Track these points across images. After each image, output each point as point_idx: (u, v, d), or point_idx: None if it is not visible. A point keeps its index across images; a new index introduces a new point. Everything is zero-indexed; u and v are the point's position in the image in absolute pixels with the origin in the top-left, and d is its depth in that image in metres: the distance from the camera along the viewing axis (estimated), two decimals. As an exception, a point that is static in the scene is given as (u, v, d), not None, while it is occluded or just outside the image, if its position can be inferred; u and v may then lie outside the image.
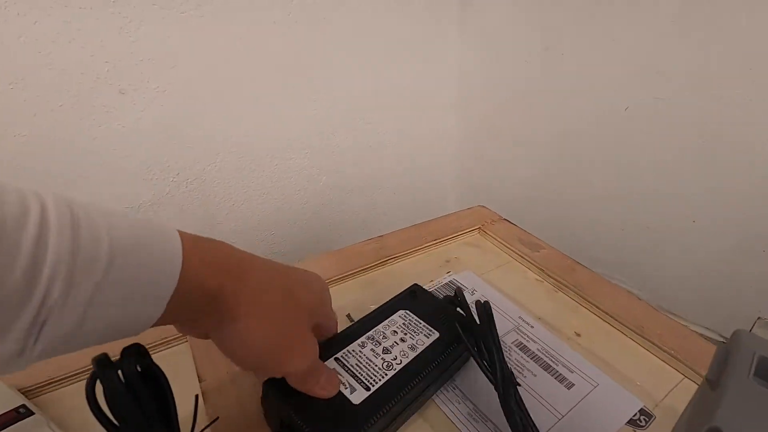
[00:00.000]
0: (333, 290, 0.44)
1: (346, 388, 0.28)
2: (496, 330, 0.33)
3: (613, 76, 0.89)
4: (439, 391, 0.34)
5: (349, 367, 0.30)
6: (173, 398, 0.20)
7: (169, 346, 0.37)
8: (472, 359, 0.37)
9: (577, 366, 0.37)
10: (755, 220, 0.82)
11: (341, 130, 0.96)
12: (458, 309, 0.36)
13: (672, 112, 0.82)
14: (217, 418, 0.26)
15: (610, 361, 0.37)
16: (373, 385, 0.29)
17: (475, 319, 0.34)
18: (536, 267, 0.48)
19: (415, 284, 0.39)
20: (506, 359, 0.36)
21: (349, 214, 1.03)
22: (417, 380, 0.30)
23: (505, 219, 0.57)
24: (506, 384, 0.30)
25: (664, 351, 0.37)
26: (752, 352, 0.18)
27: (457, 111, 1.15)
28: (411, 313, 0.35)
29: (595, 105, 0.93)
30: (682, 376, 0.36)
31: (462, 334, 0.33)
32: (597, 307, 0.43)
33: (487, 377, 0.31)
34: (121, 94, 0.62)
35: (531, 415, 0.29)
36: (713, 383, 0.17)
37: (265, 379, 0.28)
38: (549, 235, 0.57)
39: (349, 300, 0.43)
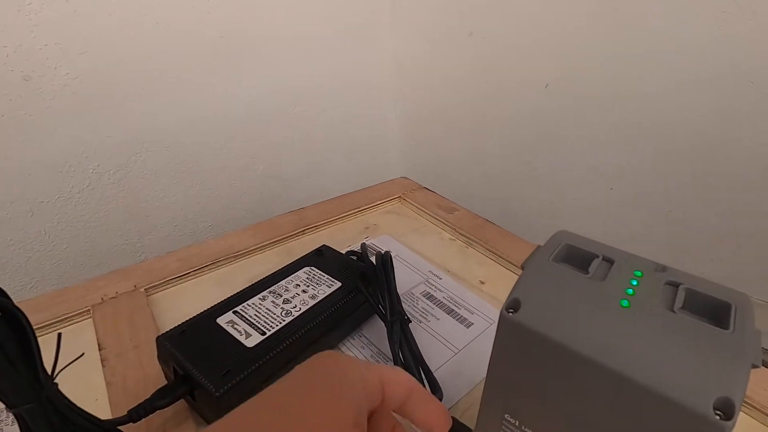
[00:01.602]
0: (250, 261, 0.45)
1: (241, 335, 0.29)
2: (391, 275, 0.35)
3: (532, 55, 0.94)
4: (346, 339, 0.36)
5: (247, 317, 0.31)
6: (36, 339, 0.21)
7: (72, 322, 0.37)
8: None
9: (477, 309, 0.40)
10: (667, 188, 0.89)
11: (276, 118, 0.95)
12: (362, 262, 0.38)
13: (591, 85, 0.88)
14: (82, 354, 0.26)
15: (508, 302, 0.40)
16: (269, 330, 0.30)
17: (373, 267, 0.36)
18: (450, 227, 0.51)
19: (324, 245, 0.41)
20: (412, 308, 0.39)
21: (291, 204, 1.03)
22: (314, 324, 0.31)
23: (425, 187, 0.60)
24: (394, 320, 0.32)
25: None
26: (560, 242, 0.20)
27: (395, 97, 1.18)
28: (315, 269, 0.37)
29: (517, 84, 0.98)
30: (570, 309, 0.40)
31: (358, 280, 0.34)
32: (501, 257, 0.46)
33: (378, 315, 0.33)
34: (26, 81, 0.59)
35: (422, 350, 0.31)
36: (523, 267, 0.19)
37: None
38: (492, 215, 0.59)
39: (266, 268, 0.43)
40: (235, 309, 0.32)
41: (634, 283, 0.18)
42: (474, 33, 1.03)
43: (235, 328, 0.30)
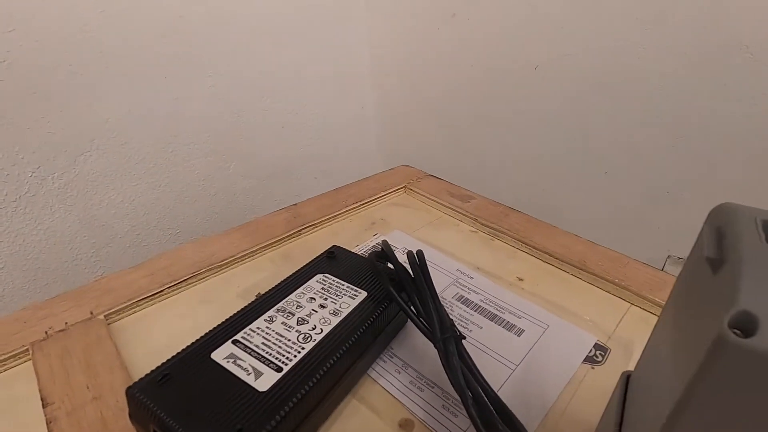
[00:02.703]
0: (240, 269, 0.37)
1: (249, 374, 0.21)
2: (431, 280, 0.28)
3: (520, 36, 0.89)
4: (374, 363, 0.28)
5: (253, 348, 0.23)
6: None
7: (3, 367, 0.27)
8: (409, 323, 0.31)
9: (523, 311, 0.33)
10: (660, 167, 0.87)
11: (248, 109, 0.86)
12: (387, 263, 0.31)
13: (579, 67, 0.84)
14: None
15: (556, 301, 0.34)
16: (287, 364, 0.22)
17: (407, 271, 0.28)
18: (469, 218, 0.44)
19: (334, 245, 0.33)
20: (448, 314, 0.31)
21: (268, 203, 0.94)
22: (344, 348, 0.23)
23: (431, 175, 0.53)
24: (447, 339, 0.25)
25: (609, 282, 0.35)
26: (753, 218, 0.14)
27: (374, 82, 1.11)
28: (331, 276, 0.29)
29: (506, 66, 0.93)
30: (629, 304, 0.34)
31: (391, 288, 0.27)
32: (536, 248, 0.39)
33: (424, 333, 0.25)
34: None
35: (480, 371, 0.25)
36: (716, 262, 0.12)
37: None
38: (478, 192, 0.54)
39: (260, 278, 0.35)
40: (235, 338, 0.23)
41: None
42: (457, 14, 0.97)
43: (238, 365, 0.22)
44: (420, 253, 0.29)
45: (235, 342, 0.23)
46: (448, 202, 0.46)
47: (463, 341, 0.26)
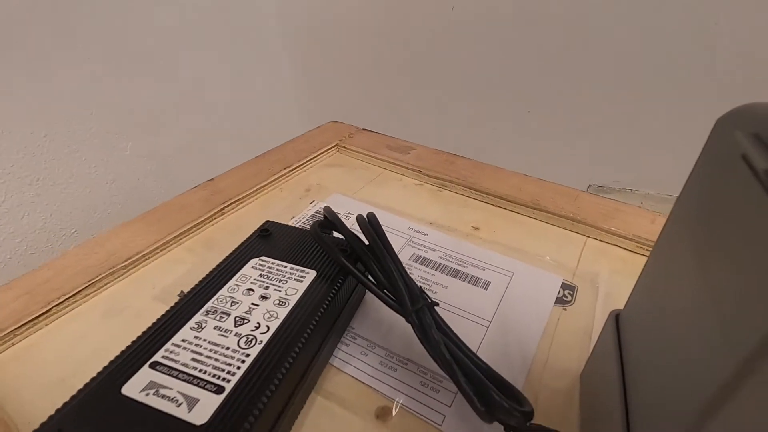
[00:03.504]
0: (152, 267, 0.30)
1: (180, 405, 0.16)
2: (390, 245, 0.24)
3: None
4: (335, 349, 0.24)
5: (180, 368, 0.18)
6: None
7: None
8: (368, 295, 0.27)
9: (486, 261, 0.31)
10: (577, 104, 0.89)
11: (138, 77, 0.73)
12: (333, 233, 0.26)
13: (496, 7, 0.82)
14: None
15: (515, 246, 0.32)
16: (229, 381, 0.17)
17: (359, 239, 0.24)
18: (412, 170, 0.41)
19: (267, 221, 0.28)
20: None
21: (181, 187, 0.83)
22: (301, 343, 0.19)
23: (364, 129, 0.48)
24: (420, 310, 0.21)
25: (564, 218, 0.34)
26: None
27: (285, 38, 1.00)
28: (268, 258, 0.24)
29: (423, 7, 0.88)
30: (585, 237, 0.33)
31: (345, 261, 0.23)
32: (487, 194, 0.37)
33: (392, 307, 0.22)
34: None
35: (459, 337, 0.22)
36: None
37: None
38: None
39: (180, 274, 0.29)
40: (153, 359, 0.18)
41: None
42: (364, -48, 0.89)
43: (163, 397, 0.16)
44: (372, 215, 0.25)
45: (153, 365, 0.18)
46: (387, 156, 0.42)
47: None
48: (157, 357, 0.18)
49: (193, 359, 0.18)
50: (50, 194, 0.65)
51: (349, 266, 0.23)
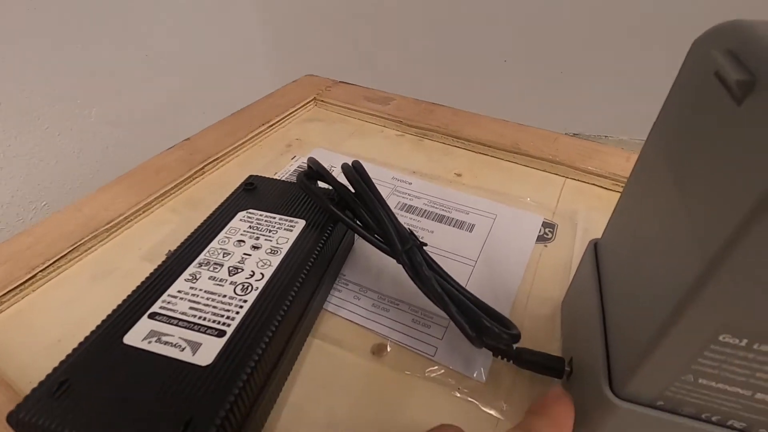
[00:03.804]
0: (136, 228, 0.30)
1: (183, 350, 0.17)
2: (377, 190, 0.24)
3: None
4: (329, 295, 0.25)
5: (179, 317, 0.18)
6: None
7: None
8: (356, 244, 0.28)
9: (469, 205, 0.32)
10: (558, 52, 0.88)
11: (102, 39, 0.68)
12: (319, 183, 0.26)
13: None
14: None
15: (498, 189, 0.33)
16: (229, 325, 0.18)
17: (346, 187, 0.24)
18: (392, 121, 0.40)
19: (251, 175, 0.27)
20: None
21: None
22: (296, 288, 0.20)
23: (341, 81, 0.47)
24: (410, 250, 0.22)
25: (544, 160, 0.35)
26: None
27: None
28: (256, 211, 0.24)
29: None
30: (564, 178, 0.34)
31: (334, 208, 0.23)
32: (468, 141, 0.37)
33: (382, 250, 0.22)
34: None
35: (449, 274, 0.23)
36: (746, 85, 0.10)
37: None
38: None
39: (166, 233, 0.29)
40: (152, 310, 0.18)
41: None
42: None
43: (166, 343, 0.17)
44: (357, 163, 0.25)
45: (153, 316, 0.18)
46: (367, 108, 0.42)
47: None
48: (155, 308, 0.18)
49: (192, 308, 0.18)
50: (14, 166, 0.62)
51: (339, 213, 0.23)
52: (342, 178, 0.24)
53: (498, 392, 0.21)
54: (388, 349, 0.23)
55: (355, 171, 0.24)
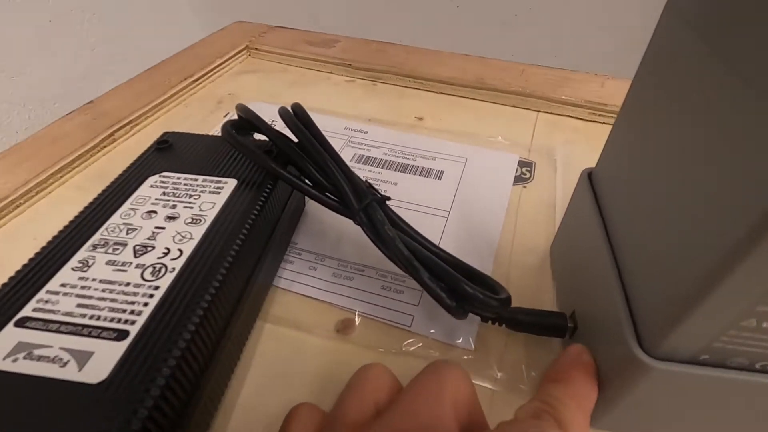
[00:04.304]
0: (29, 214, 0.24)
1: (64, 365, 0.12)
2: (324, 138, 0.19)
3: None
4: (279, 270, 0.21)
5: (62, 319, 0.13)
6: None
7: None
8: (308, 206, 0.24)
9: (435, 150, 0.28)
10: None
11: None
12: (253, 135, 0.21)
13: None
14: None
15: (465, 131, 0.29)
16: (134, 322, 0.13)
17: (285, 137, 0.20)
18: (340, 66, 0.35)
19: (165, 132, 0.22)
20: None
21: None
22: (228, 263, 0.15)
23: (277, 26, 0.40)
24: (368, 206, 0.18)
25: (512, 94, 0.31)
26: None
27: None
28: (172, 174, 0.19)
29: None
30: (537, 112, 0.31)
31: (272, 163, 0.18)
32: (426, 80, 0.33)
33: (335, 210, 0.18)
34: None
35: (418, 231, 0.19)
36: None
37: None
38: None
39: (68, 217, 0.23)
40: (21, 315, 0.13)
41: None
42: None
43: (40, 359, 0.12)
44: (298, 106, 0.20)
45: (22, 322, 0.13)
46: (309, 53, 0.36)
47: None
48: (26, 312, 0.13)
49: (80, 305, 0.13)
50: None
51: (279, 169, 0.18)
52: (283, 128, 0.20)
53: (488, 359, 0.17)
54: (357, 323, 0.19)
55: (296, 116, 0.19)
